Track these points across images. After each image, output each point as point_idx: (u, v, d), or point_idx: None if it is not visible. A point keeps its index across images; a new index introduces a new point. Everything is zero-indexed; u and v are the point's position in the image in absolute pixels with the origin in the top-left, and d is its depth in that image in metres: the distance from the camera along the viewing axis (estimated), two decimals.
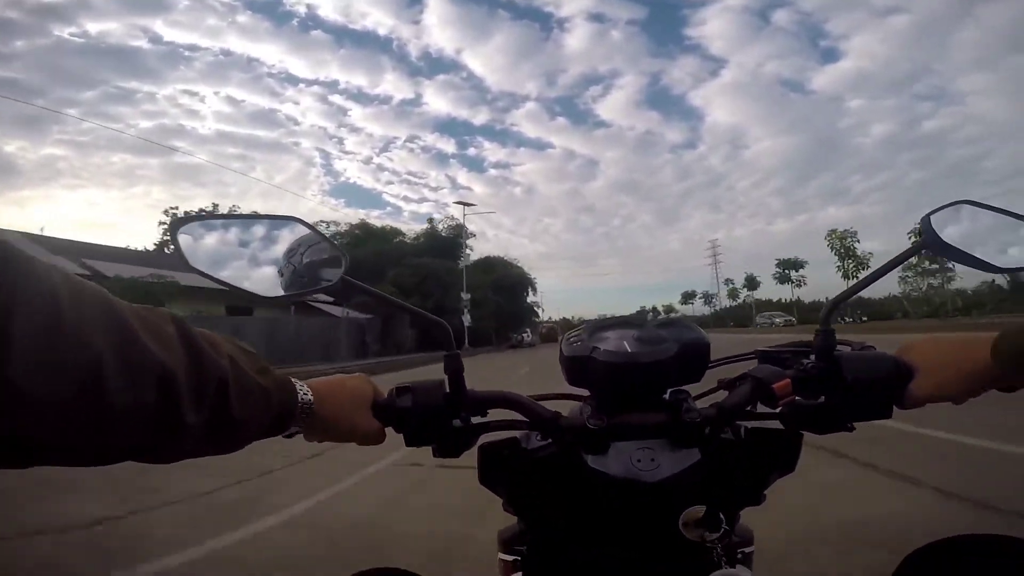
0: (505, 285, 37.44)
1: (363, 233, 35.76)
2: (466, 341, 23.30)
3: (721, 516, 0.48)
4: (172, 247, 0.50)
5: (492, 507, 0.58)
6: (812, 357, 0.54)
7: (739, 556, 0.56)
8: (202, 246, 0.52)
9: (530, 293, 44.15)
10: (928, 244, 0.52)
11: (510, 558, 0.60)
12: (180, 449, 0.36)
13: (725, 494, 0.51)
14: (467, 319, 24.41)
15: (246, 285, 0.52)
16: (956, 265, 0.54)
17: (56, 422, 0.28)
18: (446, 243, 35.66)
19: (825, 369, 0.52)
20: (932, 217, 0.52)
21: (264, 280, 0.53)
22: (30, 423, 0.27)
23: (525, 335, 37.85)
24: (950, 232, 0.52)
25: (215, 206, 37.31)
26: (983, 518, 2.13)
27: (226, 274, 0.52)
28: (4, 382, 0.25)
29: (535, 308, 49.86)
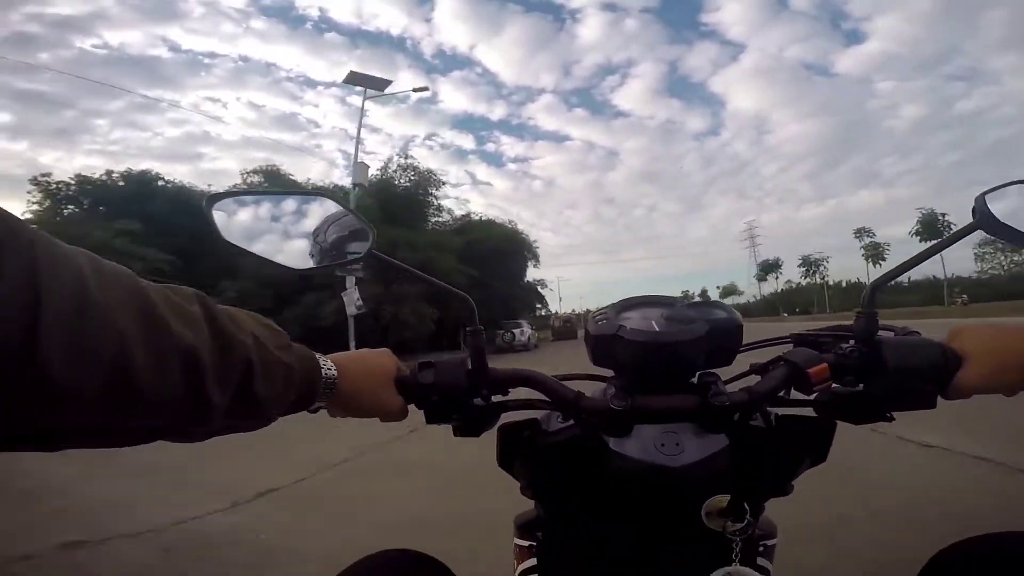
0: (484, 252, 22.77)
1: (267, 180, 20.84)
2: (352, 341, 11.16)
3: (746, 506, 0.47)
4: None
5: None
6: (852, 342, 0.51)
7: (761, 549, 0.55)
8: (235, 221, 0.54)
9: (531, 266, 28.89)
10: (982, 224, 0.49)
11: (526, 543, 0.59)
12: (207, 428, 0.36)
13: (751, 483, 0.49)
14: (353, 302, 10.73)
15: (278, 258, 0.53)
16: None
17: (85, 406, 0.28)
18: (405, 200, 21.90)
19: (865, 355, 0.50)
20: (987, 196, 0.49)
21: (295, 253, 0.54)
22: (59, 408, 0.27)
23: (518, 330, 23.06)
24: (1005, 211, 0.49)
25: None
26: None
27: (258, 247, 0.53)
28: (34, 369, 0.25)
29: (539, 289, 32.59)
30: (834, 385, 0.50)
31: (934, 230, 39.95)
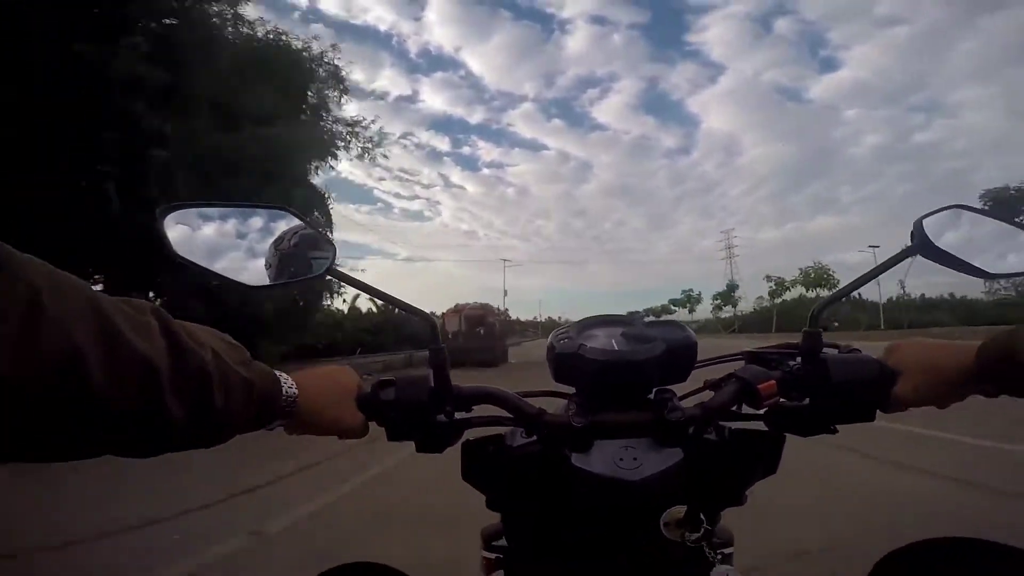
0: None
1: None
2: None
3: (702, 516, 0.48)
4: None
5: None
6: (798, 359, 0.54)
7: (719, 557, 0.56)
8: (189, 235, 0.52)
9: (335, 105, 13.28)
10: (920, 248, 0.51)
11: (492, 556, 0.60)
12: (162, 443, 0.36)
13: (707, 494, 0.51)
14: None
15: (232, 274, 0.52)
16: None
17: (37, 414, 0.27)
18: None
19: (811, 371, 0.52)
20: (925, 221, 0.52)
21: (251, 270, 0.53)
22: (10, 413, 0.27)
23: None
24: (942, 236, 0.52)
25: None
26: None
27: (213, 263, 0.52)
28: None
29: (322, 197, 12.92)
30: (782, 400, 0.52)
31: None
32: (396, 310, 0.57)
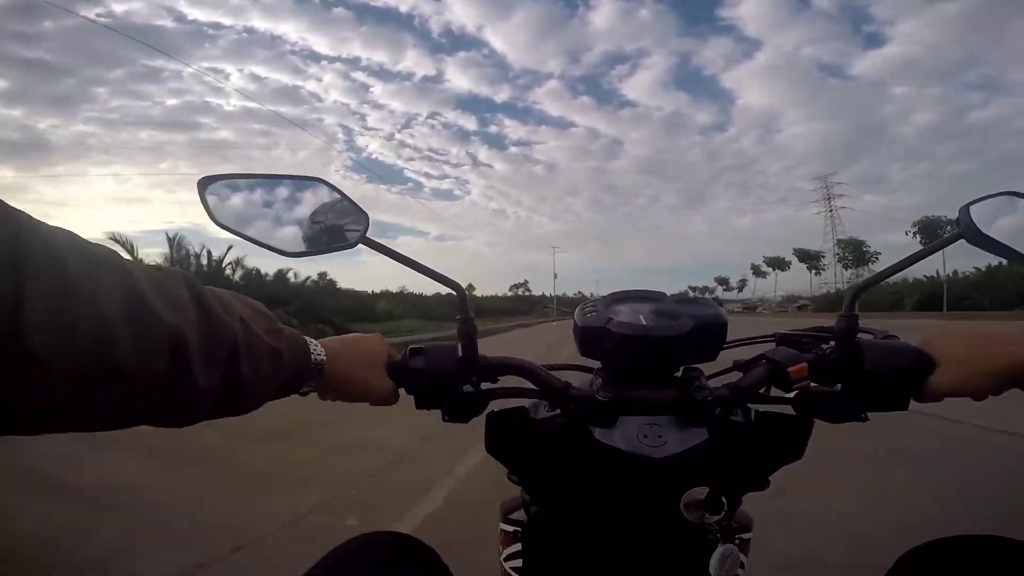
0: None
1: None
2: None
3: (723, 500, 0.48)
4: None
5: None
6: (832, 343, 0.53)
7: (736, 542, 0.56)
8: (228, 205, 0.54)
9: None
10: (966, 234, 0.49)
11: (511, 528, 0.60)
12: (194, 412, 0.36)
13: (729, 477, 0.50)
14: None
15: (270, 242, 0.53)
16: None
17: (69, 387, 0.28)
18: None
19: (844, 356, 0.51)
20: (972, 207, 0.50)
21: (288, 238, 0.54)
22: (43, 388, 0.27)
23: None
24: (991, 223, 0.50)
25: None
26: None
27: (251, 231, 0.53)
28: (18, 350, 0.25)
29: None
30: (813, 384, 0.51)
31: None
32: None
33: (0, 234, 0.25)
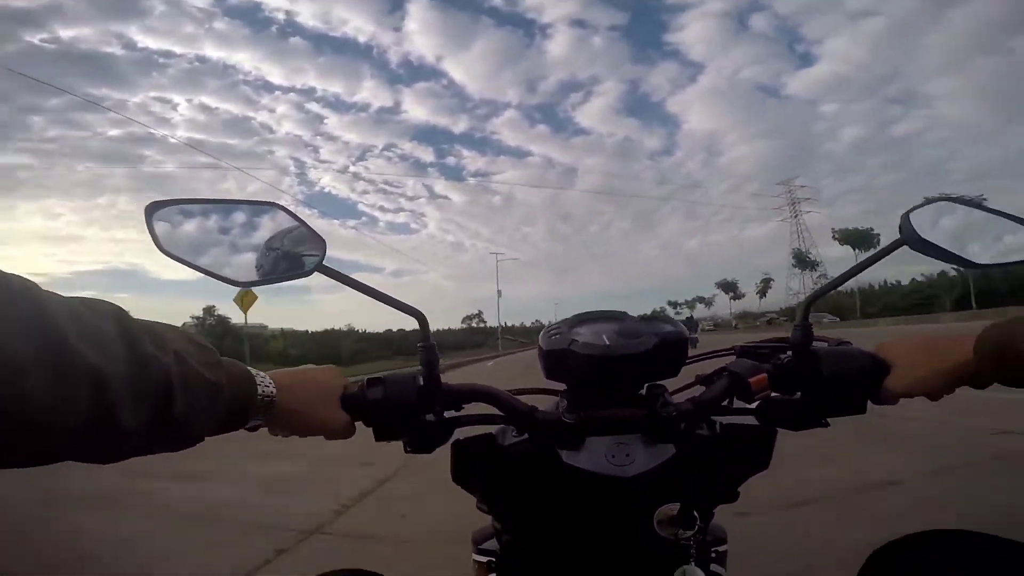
0: None
1: None
2: None
3: (695, 514, 0.48)
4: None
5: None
6: (789, 353, 0.54)
7: (713, 555, 0.56)
8: (178, 232, 0.52)
9: None
10: (907, 241, 0.51)
11: (484, 559, 0.59)
12: (119, 450, 0.34)
13: (700, 491, 0.50)
14: None
15: (221, 271, 0.51)
16: None
17: None
18: None
19: (801, 364, 0.52)
20: (911, 214, 0.52)
21: (240, 266, 0.53)
22: None
23: None
24: (929, 229, 0.52)
25: None
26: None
27: (202, 260, 0.51)
28: None
29: None
30: (773, 394, 0.53)
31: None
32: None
33: None
